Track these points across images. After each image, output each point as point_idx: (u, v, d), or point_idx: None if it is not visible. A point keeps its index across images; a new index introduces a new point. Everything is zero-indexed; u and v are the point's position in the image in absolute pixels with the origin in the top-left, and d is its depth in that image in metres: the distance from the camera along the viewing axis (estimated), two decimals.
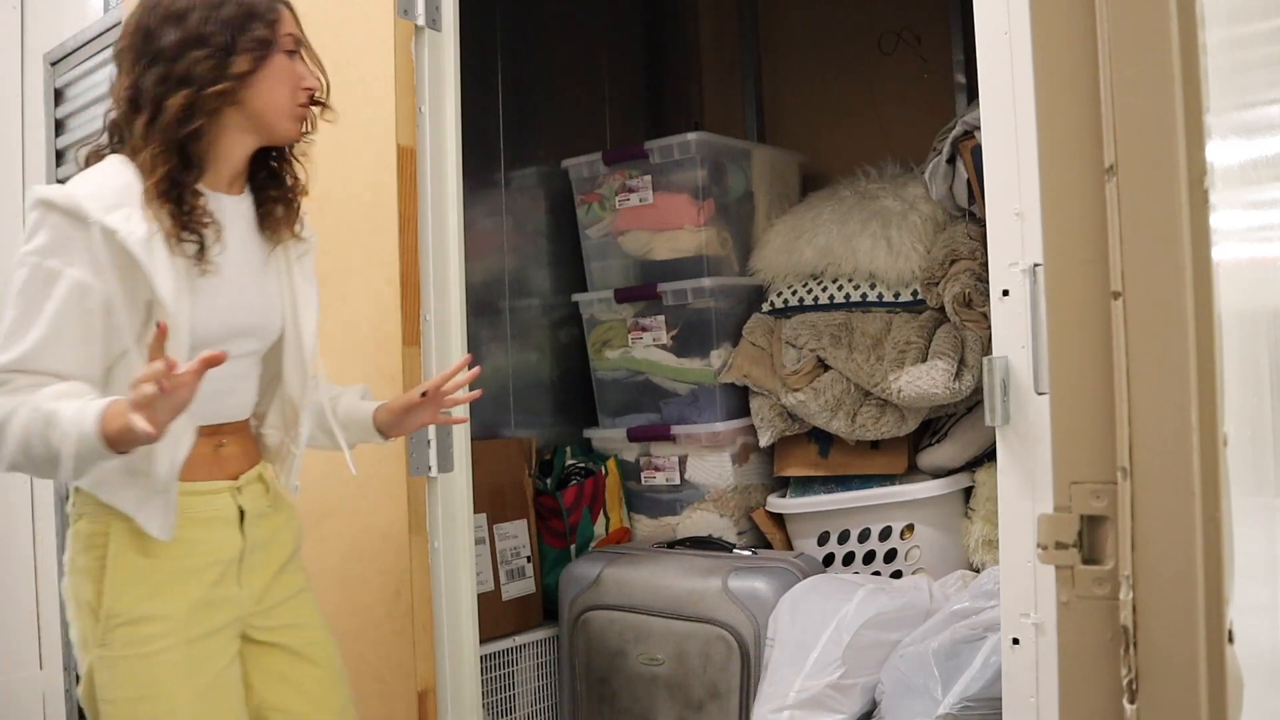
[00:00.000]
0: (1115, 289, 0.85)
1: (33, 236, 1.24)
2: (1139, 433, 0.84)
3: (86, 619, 1.30)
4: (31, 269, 1.23)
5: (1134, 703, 0.83)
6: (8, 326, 1.23)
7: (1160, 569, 0.83)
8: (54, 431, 1.17)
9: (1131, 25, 0.85)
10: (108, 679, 1.28)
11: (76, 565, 1.31)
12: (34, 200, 1.25)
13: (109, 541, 1.30)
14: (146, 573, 1.30)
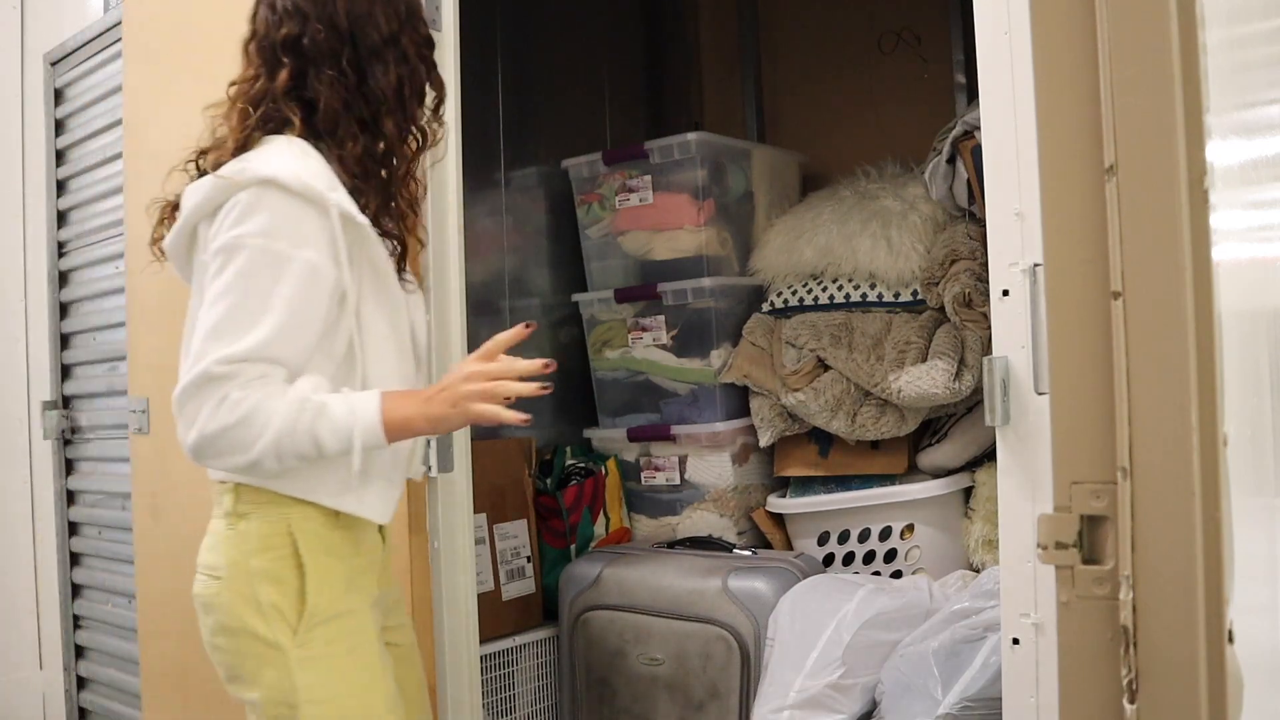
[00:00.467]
0: (1115, 289, 0.85)
1: (247, 217, 1.17)
2: (1139, 433, 0.84)
3: (271, 622, 1.23)
4: (254, 252, 1.17)
5: (1134, 703, 0.83)
6: (230, 313, 1.17)
7: (1160, 569, 0.83)
8: (324, 423, 1.17)
9: (1131, 25, 0.85)
10: (312, 680, 1.23)
11: (249, 568, 1.24)
12: (247, 178, 1.18)
13: (296, 540, 1.25)
14: (335, 570, 1.28)
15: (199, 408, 1.15)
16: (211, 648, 1.29)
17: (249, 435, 1.16)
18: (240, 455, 1.17)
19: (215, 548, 1.27)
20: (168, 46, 2.19)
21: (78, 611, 2.83)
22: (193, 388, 1.15)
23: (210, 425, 1.15)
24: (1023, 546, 1.18)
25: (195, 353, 1.17)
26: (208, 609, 1.27)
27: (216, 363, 1.15)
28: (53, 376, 2.88)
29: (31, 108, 2.99)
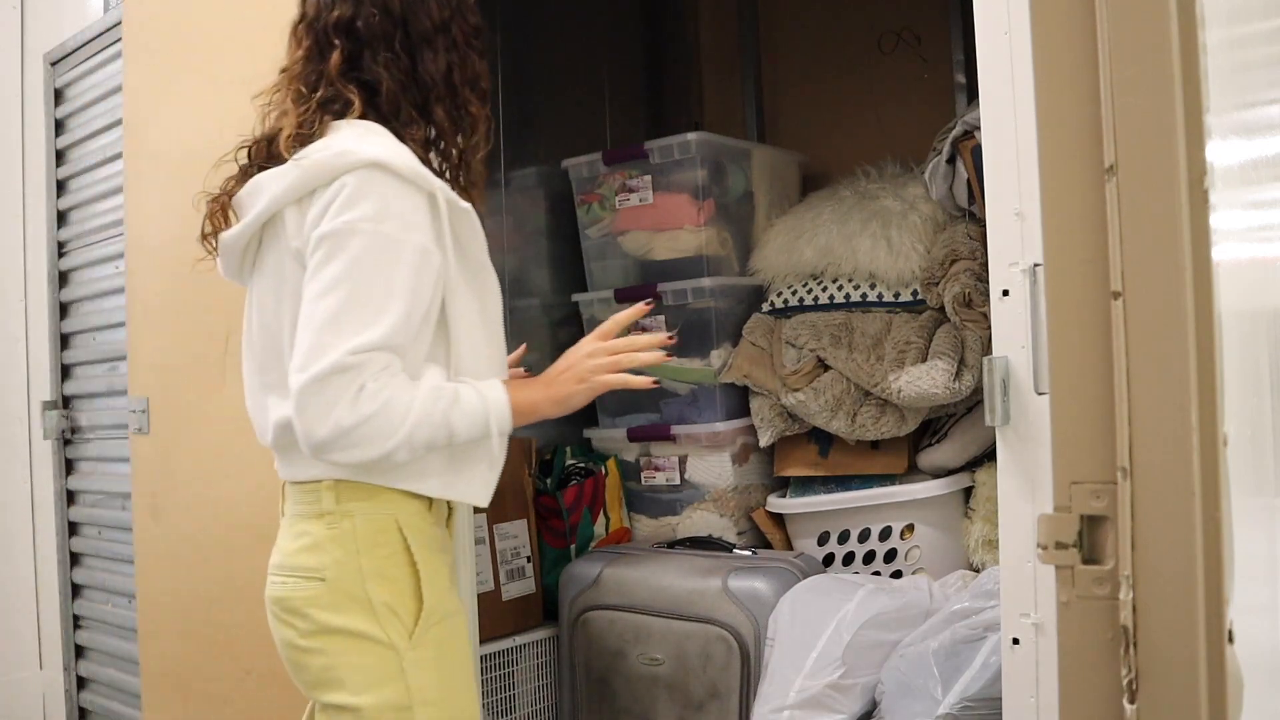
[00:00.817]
0: (1115, 289, 0.85)
1: (356, 202, 1.15)
2: (1139, 433, 0.84)
3: (385, 622, 1.21)
4: (367, 238, 1.14)
5: (1134, 703, 0.83)
6: (350, 301, 1.13)
7: (1160, 569, 0.83)
8: (458, 411, 1.17)
9: (1131, 25, 0.85)
10: (425, 681, 1.22)
11: (359, 567, 1.21)
12: (352, 161, 1.15)
13: (406, 536, 1.24)
14: (442, 567, 1.28)
15: (334, 400, 1.12)
16: (301, 651, 1.24)
17: (388, 426, 1.14)
18: (376, 447, 1.15)
19: (314, 549, 1.23)
20: (168, 46, 2.19)
21: (78, 611, 2.83)
22: (324, 380, 1.12)
23: (348, 418, 1.12)
24: (1023, 546, 1.18)
25: (314, 345, 1.13)
26: (299, 613, 1.22)
27: (349, 353, 1.12)
28: (53, 376, 2.88)
29: (31, 108, 2.99)
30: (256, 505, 1.97)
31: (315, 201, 1.17)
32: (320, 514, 1.24)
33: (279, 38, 1.93)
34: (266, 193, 1.22)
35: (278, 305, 1.24)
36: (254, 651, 1.98)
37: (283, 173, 1.20)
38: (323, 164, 1.17)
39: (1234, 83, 1.04)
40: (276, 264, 1.25)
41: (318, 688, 1.24)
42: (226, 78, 2.04)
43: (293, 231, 1.20)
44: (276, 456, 1.33)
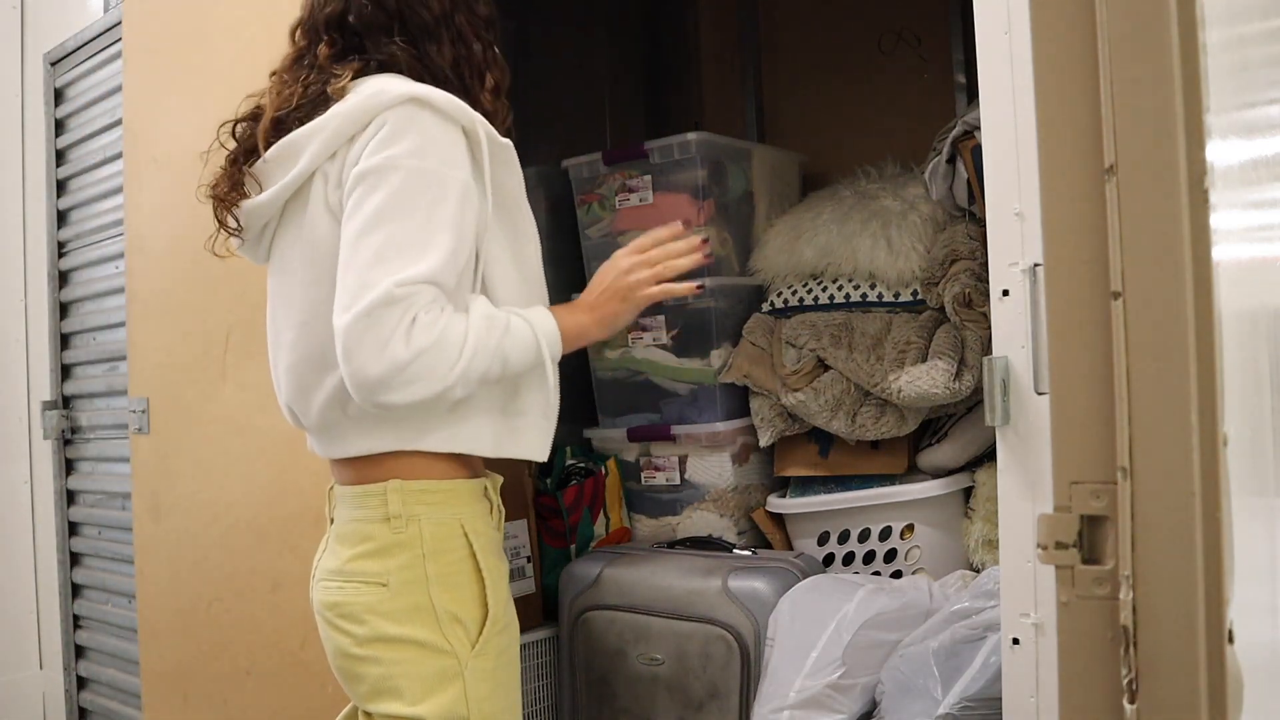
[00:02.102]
0: (1115, 289, 0.85)
1: (398, 138, 1.11)
2: (1139, 433, 0.84)
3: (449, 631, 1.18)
4: (410, 173, 1.10)
5: (1134, 703, 0.83)
6: (396, 236, 1.08)
7: (1160, 569, 0.83)
8: (510, 340, 1.14)
9: (1131, 25, 0.85)
10: (485, 692, 1.19)
11: (424, 574, 1.18)
12: (391, 98, 1.12)
13: (472, 543, 1.20)
14: (504, 575, 1.25)
15: (387, 334, 1.06)
16: (356, 660, 1.20)
17: (445, 358, 1.09)
18: (434, 382, 1.09)
19: (379, 554, 1.18)
20: (168, 46, 2.19)
21: (78, 611, 2.83)
22: (373, 314, 1.06)
23: (403, 351, 1.07)
24: (1023, 546, 1.18)
25: (359, 282, 1.07)
26: (358, 619, 1.18)
27: (397, 285, 1.07)
28: (53, 376, 2.88)
29: (31, 108, 2.99)
30: (256, 505, 1.97)
31: (353, 145, 1.13)
32: (386, 518, 1.18)
33: (278, 38, 1.93)
34: (307, 150, 1.16)
35: (317, 274, 1.18)
36: (254, 651, 1.98)
37: (319, 126, 1.15)
38: (359, 107, 1.13)
39: (1234, 83, 1.04)
40: (303, 232, 1.19)
41: (373, 698, 1.20)
42: (226, 78, 2.04)
43: (333, 184, 1.16)
44: (315, 436, 1.28)
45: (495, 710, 1.20)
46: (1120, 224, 0.85)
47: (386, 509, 1.19)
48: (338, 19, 1.25)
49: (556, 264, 2.56)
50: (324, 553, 1.29)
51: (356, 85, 1.20)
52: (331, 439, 1.25)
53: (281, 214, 1.24)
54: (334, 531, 1.27)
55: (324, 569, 1.26)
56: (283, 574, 1.91)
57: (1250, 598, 0.93)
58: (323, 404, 1.22)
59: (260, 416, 1.95)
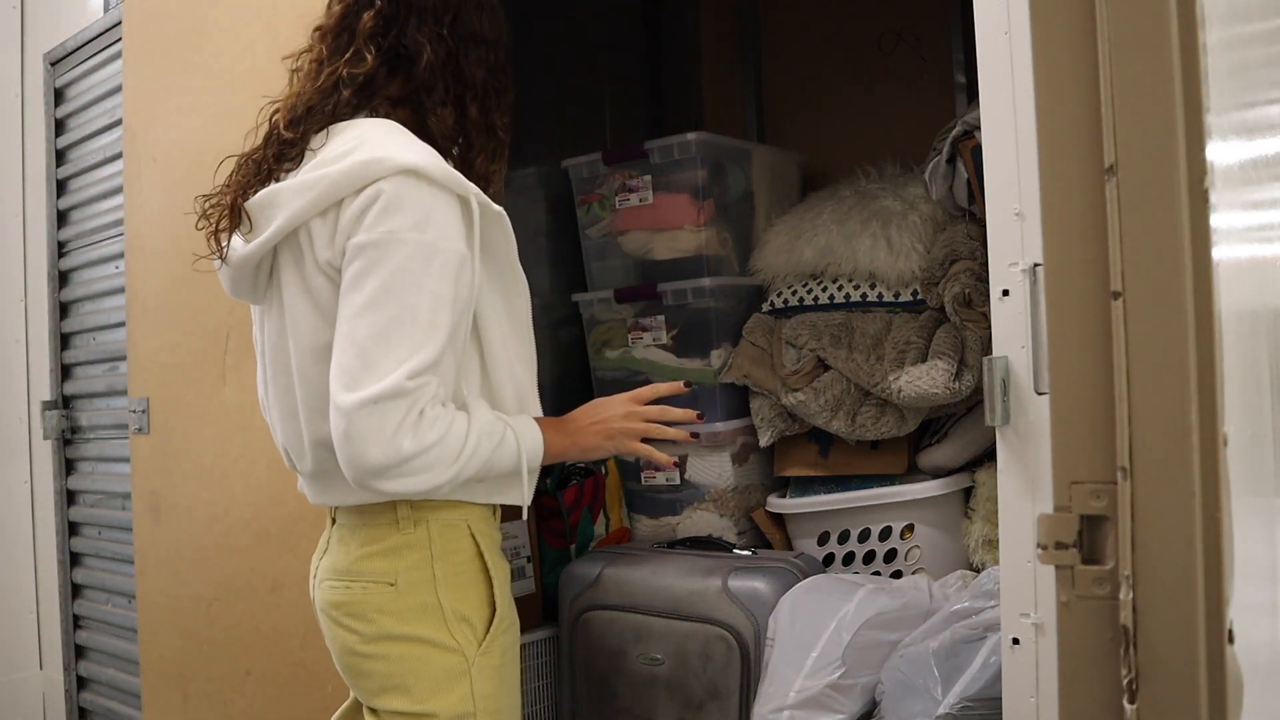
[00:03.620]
0: (1115, 289, 0.85)
1: (395, 210, 1.09)
2: (1139, 433, 0.84)
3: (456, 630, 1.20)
4: (411, 248, 1.09)
5: (1134, 703, 0.83)
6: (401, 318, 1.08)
7: (1160, 569, 0.83)
8: (501, 452, 1.16)
9: (1131, 25, 0.85)
10: (491, 689, 1.21)
11: (432, 574, 1.20)
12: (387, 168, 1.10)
13: (479, 543, 1.23)
14: (507, 574, 1.28)
15: (394, 426, 1.07)
16: (362, 658, 1.21)
17: (447, 455, 1.11)
18: (431, 477, 1.11)
19: (387, 554, 1.20)
20: (168, 46, 2.19)
21: (78, 611, 2.84)
22: (382, 404, 1.06)
23: (409, 445, 1.08)
24: (1023, 546, 1.18)
25: (364, 363, 1.07)
26: (365, 618, 1.20)
27: (408, 377, 1.07)
28: (53, 376, 2.88)
29: (31, 108, 3.00)
30: (256, 505, 1.97)
31: (345, 209, 1.12)
32: (394, 520, 1.21)
33: (278, 38, 1.93)
34: (286, 207, 1.15)
35: (317, 323, 1.17)
36: (254, 651, 1.98)
37: (306, 185, 1.14)
38: (351, 173, 1.11)
39: (1234, 83, 1.04)
40: (301, 280, 1.18)
41: (379, 694, 1.21)
42: (226, 77, 2.04)
43: (321, 243, 1.14)
44: (310, 482, 1.29)
45: (500, 707, 1.23)
46: (1120, 224, 0.85)
47: (395, 512, 1.20)
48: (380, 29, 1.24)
49: (557, 264, 2.56)
50: (325, 552, 1.30)
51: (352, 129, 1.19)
52: (324, 487, 1.26)
53: (275, 256, 1.23)
54: (337, 532, 1.28)
55: (327, 568, 1.27)
56: (283, 574, 1.91)
57: (1250, 598, 0.93)
58: (315, 453, 1.23)
59: (260, 416, 1.95)
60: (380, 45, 1.22)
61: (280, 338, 1.23)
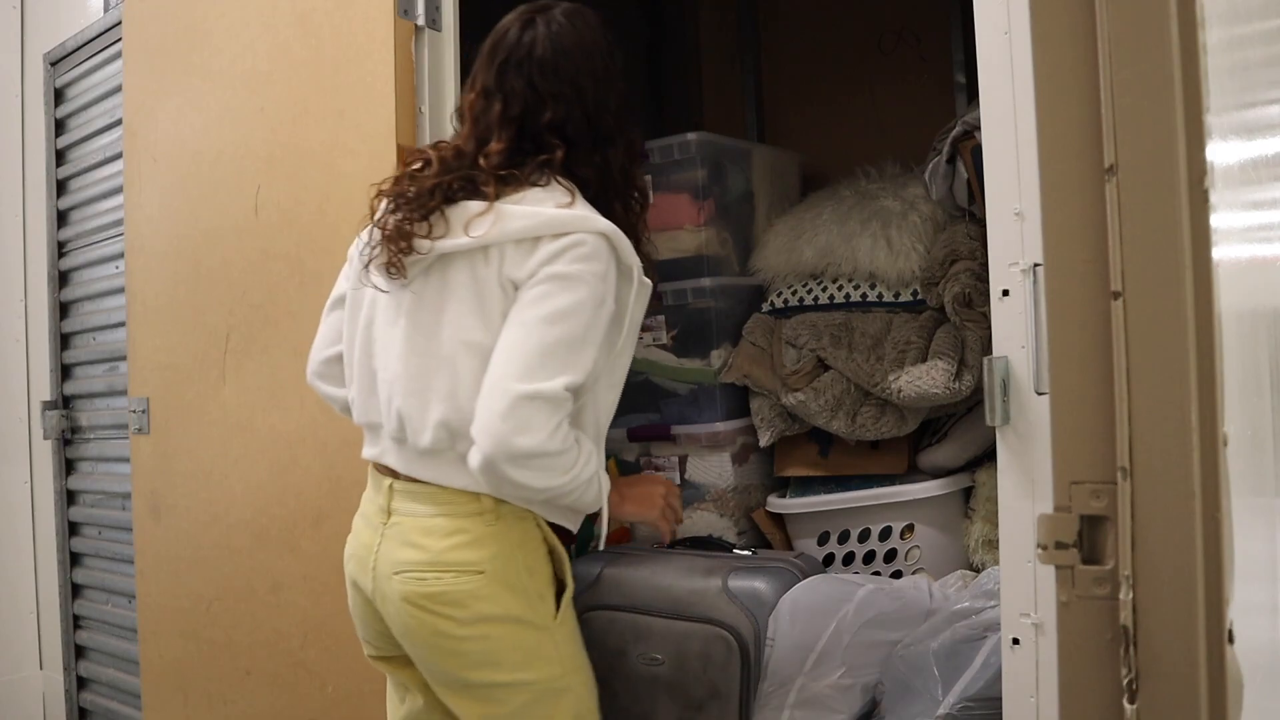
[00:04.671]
0: (1115, 289, 0.85)
1: (591, 258, 1.30)
2: (1139, 433, 0.84)
3: (537, 607, 1.37)
4: (592, 291, 1.30)
5: (1134, 703, 0.83)
6: (567, 339, 1.28)
7: (1160, 569, 0.83)
8: (589, 492, 1.36)
9: (1131, 25, 0.85)
10: (572, 650, 1.43)
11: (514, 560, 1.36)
12: (592, 226, 1.31)
13: (544, 530, 1.41)
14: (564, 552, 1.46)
15: (544, 422, 1.25)
16: (458, 640, 1.34)
17: (564, 465, 1.29)
18: (551, 479, 1.29)
19: (473, 545, 1.34)
20: (168, 46, 2.19)
21: (78, 611, 2.83)
22: (542, 400, 1.25)
23: (551, 443, 1.26)
24: (1023, 546, 1.18)
25: (538, 364, 1.26)
26: (460, 604, 1.33)
27: (565, 387, 1.26)
28: (53, 376, 2.88)
29: (31, 108, 2.99)
30: (256, 505, 1.97)
31: (543, 245, 1.30)
32: (479, 512, 1.35)
33: (278, 38, 1.93)
34: (511, 224, 1.31)
35: (477, 323, 1.33)
36: (254, 651, 1.98)
37: (526, 214, 1.31)
38: (563, 220, 1.30)
39: (1234, 83, 1.04)
40: (475, 284, 1.33)
41: (474, 669, 1.36)
42: (226, 77, 2.04)
43: (512, 264, 1.31)
44: (417, 457, 1.39)
45: (580, 664, 1.43)
46: (1120, 224, 0.85)
47: (480, 503, 1.35)
48: (559, 126, 1.38)
49: None
50: (384, 544, 1.39)
51: (543, 184, 1.37)
52: (434, 464, 1.37)
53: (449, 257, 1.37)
54: (408, 525, 1.38)
55: (404, 561, 1.36)
56: (283, 574, 1.91)
57: (1250, 598, 0.93)
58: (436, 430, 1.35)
59: (260, 416, 1.95)
60: None
61: (432, 325, 1.36)
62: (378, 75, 1.73)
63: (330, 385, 1.54)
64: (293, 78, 1.89)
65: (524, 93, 1.37)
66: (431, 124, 1.75)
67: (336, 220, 1.81)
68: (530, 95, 1.36)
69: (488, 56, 1.41)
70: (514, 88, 1.37)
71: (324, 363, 1.54)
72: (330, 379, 1.54)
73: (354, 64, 1.78)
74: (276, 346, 1.91)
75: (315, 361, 1.55)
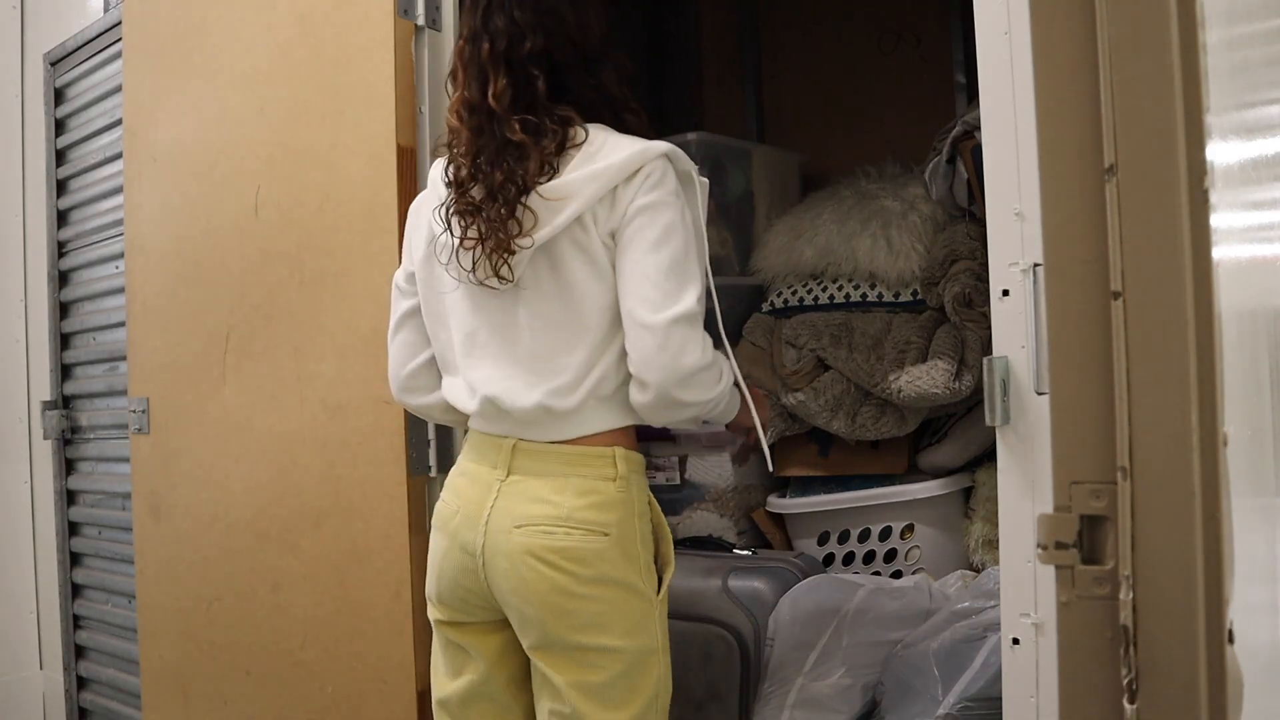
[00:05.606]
0: (1115, 289, 0.85)
1: (661, 183, 1.35)
2: (1139, 433, 0.84)
3: (646, 578, 1.40)
4: (675, 210, 1.35)
5: (1134, 703, 0.83)
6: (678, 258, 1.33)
7: (1160, 569, 0.83)
8: (734, 397, 1.43)
9: (1131, 25, 0.85)
10: (664, 628, 1.42)
11: (634, 528, 1.40)
12: (652, 153, 1.36)
13: (653, 506, 1.46)
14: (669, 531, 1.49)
15: (694, 338, 1.32)
16: (575, 598, 1.37)
17: (716, 374, 1.36)
18: (711, 390, 1.35)
19: (604, 507, 1.38)
20: (168, 46, 2.19)
21: (78, 611, 2.83)
22: (684, 321, 1.31)
23: (705, 356, 1.33)
24: (1023, 546, 1.18)
25: (664, 291, 1.32)
26: (584, 561, 1.36)
27: (696, 301, 1.32)
28: (53, 376, 2.88)
29: (31, 108, 2.99)
30: (256, 505, 1.97)
31: (620, 191, 1.35)
32: (613, 477, 1.40)
33: (278, 38, 1.93)
34: (583, 193, 1.35)
35: (601, 287, 1.37)
36: (254, 651, 1.98)
37: (593, 175, 1.35)
38: (630, 160, 1.35)
39: (1234, 83, 1.04)
40: (585, 254, 1.37)
41: (584, 631, 1.37)
42: (226, 77, 2.04)
43: (603, 218, 1.36)
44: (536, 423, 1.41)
45: (667, 644, 1.43)
46: (1120, 224, 0.85)
47: (615, 469, 1.40)
48: (541, 55, 1.40)
49: None
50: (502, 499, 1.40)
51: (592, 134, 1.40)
52: (578, 420, 1.41)
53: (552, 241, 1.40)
54: (532, 482, 1.40)
55: (531, 515, 1.38)
56: (283, 574, 1.91)
57: (1250, 598, 0.93)
58: (585, 393, 1.39)
59: (260, 416, 1.95)
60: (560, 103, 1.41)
61: (560, 305, 1.40)
62: (378, 75, 1.73)
63: (421, 396, 1.54)
64: (293, 78, 1.89)
65: (507, 29, 1.39)
66: (431, 124, 1.75)
67: (336, 220, 1.81)
68: (513, 29, 1.39)
69: (470, 2, 1.44)
70: (498, 26, 1.39)
71: (409, 376, 1.54)
72: (419, 390, 1.54)
73: (354, 64, 1.78)
74: (276, 346, 1.91)
75: (399, 379, 1.55)
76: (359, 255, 1.77)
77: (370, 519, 1.76)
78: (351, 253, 1.78)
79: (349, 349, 1.79)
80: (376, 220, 1.75)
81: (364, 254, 1.76)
